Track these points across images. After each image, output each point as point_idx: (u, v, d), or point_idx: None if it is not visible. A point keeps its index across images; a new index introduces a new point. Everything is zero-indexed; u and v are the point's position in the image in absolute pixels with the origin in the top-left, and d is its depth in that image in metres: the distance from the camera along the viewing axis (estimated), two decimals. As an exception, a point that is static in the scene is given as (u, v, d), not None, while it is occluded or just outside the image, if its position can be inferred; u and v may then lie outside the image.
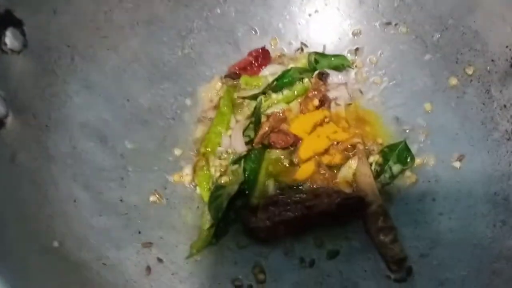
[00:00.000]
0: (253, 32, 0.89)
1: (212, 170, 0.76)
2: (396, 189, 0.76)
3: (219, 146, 0.78)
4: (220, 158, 0.77)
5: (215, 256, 0.68)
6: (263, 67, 0.87)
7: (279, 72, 0.84)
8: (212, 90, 0.84)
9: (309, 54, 0.87)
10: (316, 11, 0.90)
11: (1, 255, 0.43)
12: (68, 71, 0.69)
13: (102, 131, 0.71)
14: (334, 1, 0.89)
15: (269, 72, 0.86)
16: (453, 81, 0.80)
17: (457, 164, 0.75)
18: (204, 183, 0.75)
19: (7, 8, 0.59)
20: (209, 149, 0.78)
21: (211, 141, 0.78)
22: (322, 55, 0.87)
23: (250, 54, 0.87)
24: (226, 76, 0.85)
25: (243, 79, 0.84)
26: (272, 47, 0.89)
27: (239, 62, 0.87)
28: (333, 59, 0.87)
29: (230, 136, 0.79)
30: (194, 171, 0.76)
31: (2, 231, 0.48)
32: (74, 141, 0.67)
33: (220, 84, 0.85)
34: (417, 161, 0.77)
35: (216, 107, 0.82)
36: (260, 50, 0.87)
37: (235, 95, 0.83)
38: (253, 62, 0.87)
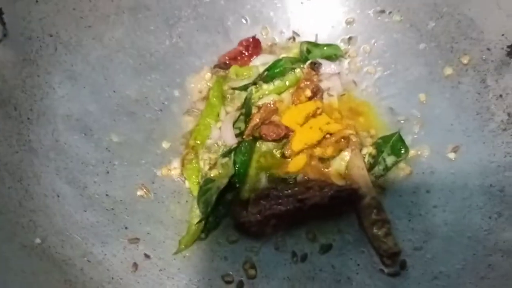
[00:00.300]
0: (244, 21, 0.87)
1: (201, 163, 0.74)
2: (390, 181, 0.74)
3: (209, 139, 0.76)
4: (209, 151, 0.76)
5: (205, 252, 0.67)
6: (254, 56, 0.85)
7: (270, 62, 0.82)
8: (201, 80, 0.82)
9: (301, 43, 0.85)
10: (308, -1, 0.88)
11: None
12: (50, 61, 0.67)
13: (86, 123, 0.70)
14: (327, -11, 0.87)
15: (260, 62, 0.84)
16: (448, 70, 0.79)
17: (452, 155, 0.74)
18: (193, 176, 0.73)
19: (-16, -5, 0.57)
20: (198, 142, 0.76)
21: (200, 133, 0.76)
22: (315, 44, 0.85)
23: (240, 43, 0.85)
24: (215, 66, 0.83)
25: (233, 69, 0.82)
26: (264, 36, 0.88)
27: (229, 52, 0.85)
28: (325, 48, 0.85)
29: (219, 128, 0.77)
30: (183, 164, 0.74)
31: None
32: (57, 134, 0.65)
33: (209, 74, 0.83)
34: (411, 152, 0.76)
35: (206, 98, 0.81)
36: (251, 39, 0.85)
37: (225, 86, 0.81)
38: (244, 51, 0.85)
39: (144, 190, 0.70)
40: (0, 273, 0.44)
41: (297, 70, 0.81)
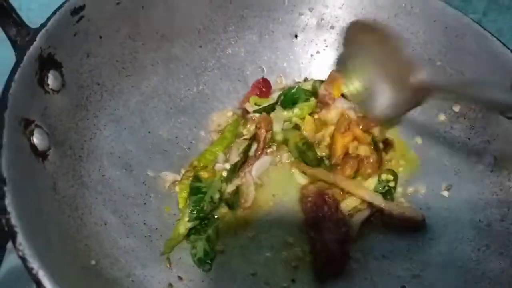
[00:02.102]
0: (261, 70, 0.98)
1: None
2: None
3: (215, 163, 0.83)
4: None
5: (228, 274, 0.74)
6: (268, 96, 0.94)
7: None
8: (223, 116, 0.92)
9: (314, 81, 0.93)
10: (318, 52, 0.99)
11: (55, 271, 0.49)
12: (97, 106, 0.76)
13: (127, 160, 0.78)
14: (334, 44, 0.98)
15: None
16: (442, 117, 0.89)
17: (445, 193, 0.83)
18: (184, 192, 0.79)
19: (49, 52, 0.67)
20: (201, 164, 0.83)
21: (205, 157, 0.84)
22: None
23: (253, 86, 0.95)
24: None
25: (252, 99, 0.90)
26: (278, 83, 0.98)
27: (245, 97, 0.94)
28: None
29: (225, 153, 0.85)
30: (180, 179, 0.81)
31: (52, 251, 0.54)
32: (103, 170, 0.74)
33: (231, 112, 0.92)
34: (410, 189, 0.85)
35: (221, 131, 0.89)
36: (261, 80, 0.95)
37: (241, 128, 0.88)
38: (257, 92, 0.93)
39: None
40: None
41: (312, 99, 0.90)
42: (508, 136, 0.79)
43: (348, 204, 0.81)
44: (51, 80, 0.67)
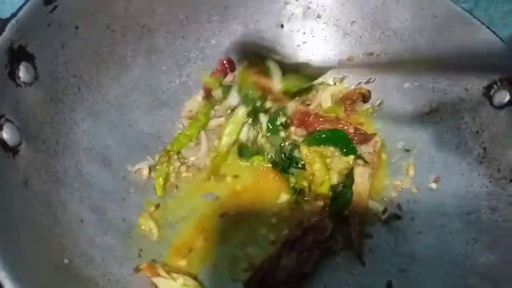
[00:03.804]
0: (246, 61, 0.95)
1: (171, 168, 0.80)
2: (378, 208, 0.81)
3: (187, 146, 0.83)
4: (180, 160, 0.82)
5: (210, 275, 0.72)
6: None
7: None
8: (193, 101, 0.89)
9: None
10: (304, 42, 0.96)
11: (20, 272, 0.47)
12: (74, 100, 0.74)
13: (106, 155, 0.76)
14: (321, 33, 0.96)
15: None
16: (430, 107, 0.86)
17: (434, 186, 0.81)
18: (160, 178, 0.78)
19: (20, 44, 0.64)
20: (174, 148, 0.82)
21: (178, 141, 0.83)
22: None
23: (219, 64, 0.92)
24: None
25: (204, 79, 0.89)
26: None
27: (211, 74, 0.91)
28: None
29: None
30: (156, 165, 0.80)
31: (20, 250, 0.52)
32: (80, 165, 0.72)
33: (201, 97, 0.90)
34: (397, 182, 0.83)
35: (193, 117, 0.87)
36: (226, 60, 0.91)
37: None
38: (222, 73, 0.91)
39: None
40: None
41: None
42: (497, 127, 0.77)
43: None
44: (23, 72, 0.65)
